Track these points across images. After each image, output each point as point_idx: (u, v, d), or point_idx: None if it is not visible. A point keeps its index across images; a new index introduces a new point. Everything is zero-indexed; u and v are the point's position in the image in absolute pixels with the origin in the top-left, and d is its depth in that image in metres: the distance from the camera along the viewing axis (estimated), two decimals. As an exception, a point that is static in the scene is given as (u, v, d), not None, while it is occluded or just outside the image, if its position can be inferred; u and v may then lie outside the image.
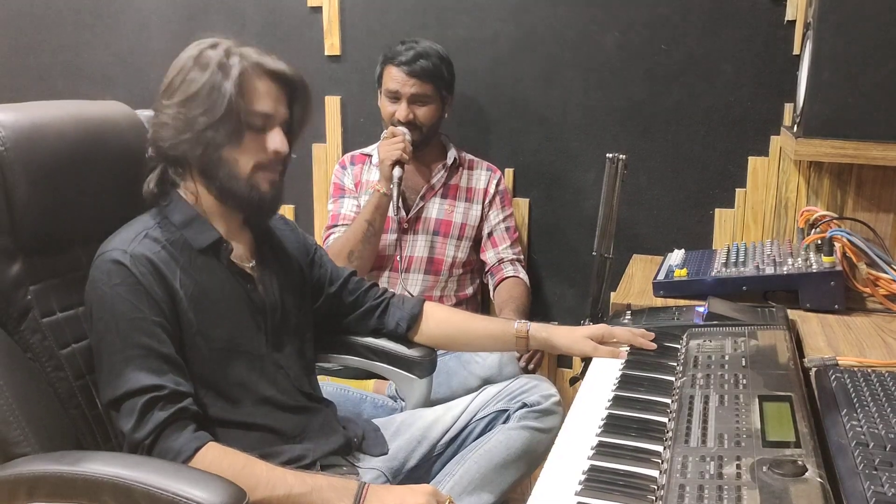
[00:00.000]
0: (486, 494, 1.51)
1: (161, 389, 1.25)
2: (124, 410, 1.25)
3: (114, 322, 1.27)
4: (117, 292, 1.28)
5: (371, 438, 1.55)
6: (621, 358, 1.45)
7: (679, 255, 1.96)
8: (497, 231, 2.31)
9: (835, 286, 1.62)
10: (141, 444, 1.23)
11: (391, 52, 2.19)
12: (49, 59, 2.79)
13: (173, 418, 1.24)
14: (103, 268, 1.30)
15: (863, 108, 1.75)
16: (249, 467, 1.24)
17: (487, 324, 1.69)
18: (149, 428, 1.23)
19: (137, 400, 1.24)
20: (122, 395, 1.25)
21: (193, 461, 1.22)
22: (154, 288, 1.30)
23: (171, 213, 1.38)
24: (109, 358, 1.27)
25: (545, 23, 2.30)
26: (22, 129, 1.29)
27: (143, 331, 1.27)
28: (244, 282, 1.42)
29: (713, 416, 1.11)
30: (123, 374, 1.25)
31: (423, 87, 2.17)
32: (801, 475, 0.92)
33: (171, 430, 1.24)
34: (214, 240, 1.39)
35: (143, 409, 1.24)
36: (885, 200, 1.94)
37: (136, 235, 1.33)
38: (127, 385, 1.25)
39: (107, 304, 1.28)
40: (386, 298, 1.67)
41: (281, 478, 1.23)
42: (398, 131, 2.12)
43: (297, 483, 1.23)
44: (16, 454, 1.22)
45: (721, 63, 2.18)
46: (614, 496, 0.98)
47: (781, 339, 1.39)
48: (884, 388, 1.14)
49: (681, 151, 2.27)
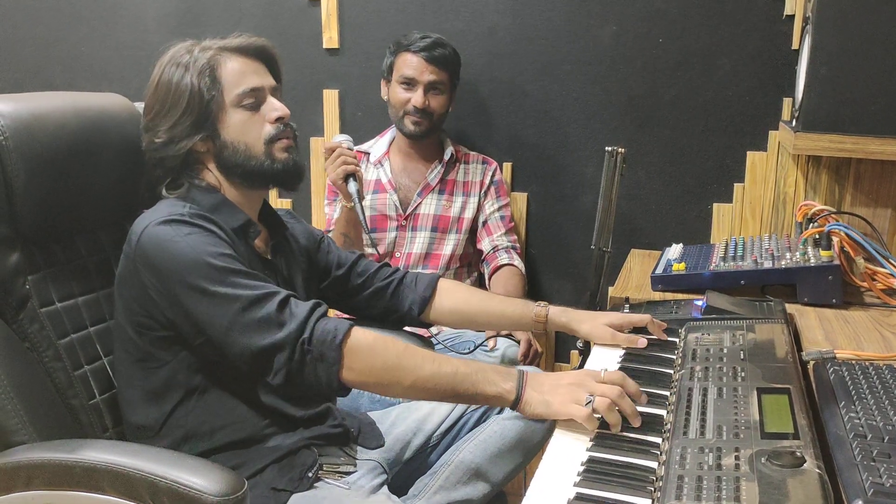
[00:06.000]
0: (482, 484, 1.51)
1: (279, 292, 1.25)
2: (251, 324, 1.22)
3: (202, 259, 1.24)
4: (193, 238, 1.26)
5: (367, 432, 1.55)
6: (640, 345, 1.45)
7: (677, 249, 1.97)
8: (492, 219, 2.31)
9: (832, 280, 1.63)
10: (299, 340, 1.21)
11: (407, 40, 2.19)
12: (46, 52, 2.77)
13: (315, 307, 1.25)
14: (163, 229, 1.27)
15: (861, 102, 1.75)
16: (409, 347, 1.27)
17: (506, 305, 1.65)
18: (299, 321, 1.22)
19: (264, 307, 1.22)
20: (240, 309, 1.22)
21: (350, 338, 1.22)
22: (221, 235, 1.30)
23: (199, 199, 1.38)
24: (212, 291, 1.23)
25: (543, 16, 2.30)
26: (22, 119, 1.29)
27: (233, 258, 1.27)
28: (263, 267, 1.43)
29: (712, 408, 1.11)
30: (234, 295, 1.23)
31: (440, 74, 2.18)
32: (799, 466, 0.93)
33: (322, 317, 1.24)
34: (244, 221, 1.40)
35: (278, 312, 1.22)
36: (883, 195, 1.94)
37: (177, 207, 1.33)
38: (241, 300, 1.22)
39: (187, 250, 1.25)
40: (396, 278, 1.65)
41: (445, 357, 1.26)
42: (334, 144, 1.92)
43: (461, 363, 1.25)
44: (14, 442, 1.22)
45: (719, 57, 2.19)
46: (613, 487, 0.98)
47: (779, 333, 1.40)
48: (881, 380, 1.15)
49: (679, 146, 2.27)
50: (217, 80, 1.35)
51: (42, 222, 1.33)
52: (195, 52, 1.37)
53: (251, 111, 1.39)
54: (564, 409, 1.18)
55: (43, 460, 1.17)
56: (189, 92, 1.34)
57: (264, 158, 1.39)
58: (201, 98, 1.34)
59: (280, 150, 1.41)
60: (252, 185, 1.42)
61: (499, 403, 1.27)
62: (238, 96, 1.37)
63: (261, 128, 1.39)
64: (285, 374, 1.23)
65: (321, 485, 1.36)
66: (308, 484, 1.34)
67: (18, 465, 1.17)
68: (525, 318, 1.60)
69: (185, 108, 1.34)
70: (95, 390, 1.38)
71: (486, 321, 1.67)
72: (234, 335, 1.23)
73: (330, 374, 1.23)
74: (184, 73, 1.35)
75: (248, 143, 1.38)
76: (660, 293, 1.77)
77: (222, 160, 1.39)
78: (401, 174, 2.29)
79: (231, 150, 1.38)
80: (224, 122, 1.37)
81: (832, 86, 1.76)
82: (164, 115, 1.36)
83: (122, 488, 1.11)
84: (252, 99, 1.38)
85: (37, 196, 1.31)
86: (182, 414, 1.34)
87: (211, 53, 1.37)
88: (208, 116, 1.36)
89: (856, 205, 1.97)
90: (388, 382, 1.25)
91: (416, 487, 1.51)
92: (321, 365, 1.22)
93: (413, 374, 1.23)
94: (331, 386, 1.23)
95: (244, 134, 1.38)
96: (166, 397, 1.34)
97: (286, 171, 1.42)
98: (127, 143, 1.44)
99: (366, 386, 1.29)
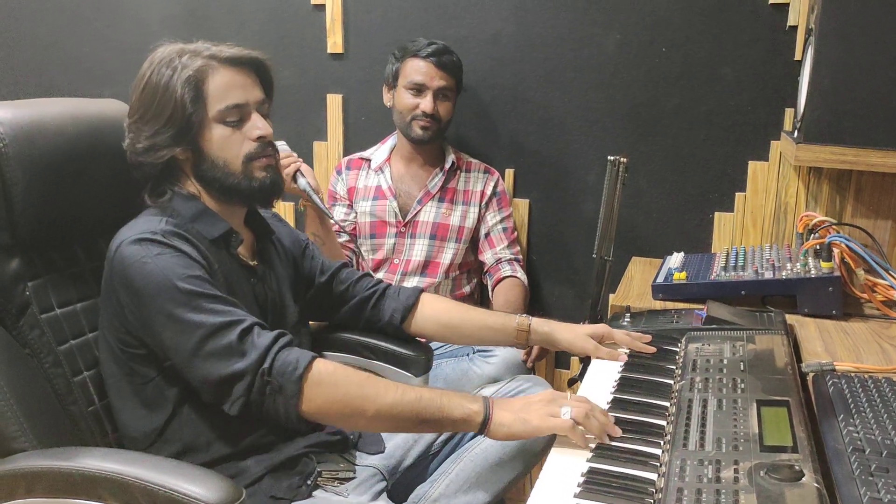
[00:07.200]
0: (482, 493, 1.51)
1: (243, 320, 1.24)
2: (213, 352, 1.22)
3: (170, 282, 1.24)
4: (162, 259, 1.26)
5: (367, 437, 1.55)
6: (621, 361, 1.45)
7: (678, 258, 1.97)
8: (494, 232, 2.31)
9: (833, 292, 1.63)
10: (259, 371, 1.20)
11: (415, 46, 2.20)
12: (47, 54, 2.78)
13: (277, 337, 1.24)
14: (134, 248, 1.27)
15: (863, 114, 1.75)
16: (371, 377, 1.26)
17: (487, 316, 1.66)
18: (260, 351, 1.21)
19: (226, 335, 1.22)
20: (204, 336, 1.22)
21: (311, 370, 1.21)
22: (193, 254, 1.29)
23: (179, 208, 1.37)
24: (177, 316, 1.23)
25: (547, 23, 2.30)
26: (21, 125, 1.29)
27: (202, 280, 1.26)
28: (248, 275, 1.43)
29: (711, 419, 1.11)
30: (198, 321, 1.22)
31: (449, 80, 2.20)
32: (797, 480, 0.93)
33: (283, 348, 1.23)
34: (225, 230, 1.39)
35: (239, 341, 1.22)
36: (884, 207, 1.94)
37: (152, 223, 1.32)
38: (205, 327, 1.22)
39: (156, 272, 1.24)
40: (379, 289, 1.65)
41: (408, 386, 1.25)
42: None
43: (425, 390, 1.25)
44: (14, 449, 1.22)
45: (722, 67, 2.19)
46: (613, 499, 0.98)
47: (779, 344, 1.40)
48: (880, 394, 1.15)
49: (681, 155, 2.27)
50: (201, 92, 1.33)
51: (41, 229, 1.33)
52: (184, 59, 1.33)
53: (233, 128, 1.36)
54: (545, 423, 1.17)
55: (43, 468, 1.17)
56: (173, 102, 1.32)
57: (241, 177, 1.37)
58: (184, 110, 1.32)
59: (259, 169, 1.39)
60: (228, 200, 1.41)
61: (466, 427, 1.23)
62: (220, 112, 1.34)
63: (240, 145, 1.37)
64: (243, 403, 1.22)
65: (319, 493, 1.36)
66: (307, 492, 1.34)
67: (19, 473, 1.17)
68: (508, 328, 1.59)
69: (168, 118, 1.32)
70: (95, 397, 1.38)
71: (469, 331, 1.65)
72: (197, 362, 1.23)
73: (288, 408, 1.21)
74: (169, 80, 1.32)
75: (227, 159, 1.37)
76: (660, 302, 1.78)
77: (201, 172, 1.38)
78: (401, 181, 2.29)
79: (210, 164, 1.37)
80: (205, 136, 1.35)
81: (834, 97, 1.76)
82: (147, 121, 1.34)
83: (120, 496, 1.11)
84: (235, 116, 1.36)
85: (36, 202, 1.31)
86: (177, 427, 1.33)
87: (199, 63, 1.33)
88: (190, 129, 1.34)
89: (856, 216, 1.97)
90: (350, 413, 1.23)
91: (415, 495, 1.51)
92: (280, 397, 1.21)
93: (375, 403, 1.21)
94: (289, 419, 1.22)
95: (224, 150, 1.36)
96: (157, 411, 1.33)
97: (262, 190, 1.40)
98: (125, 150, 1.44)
99: (327, 418, 1.27)
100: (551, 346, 1.61)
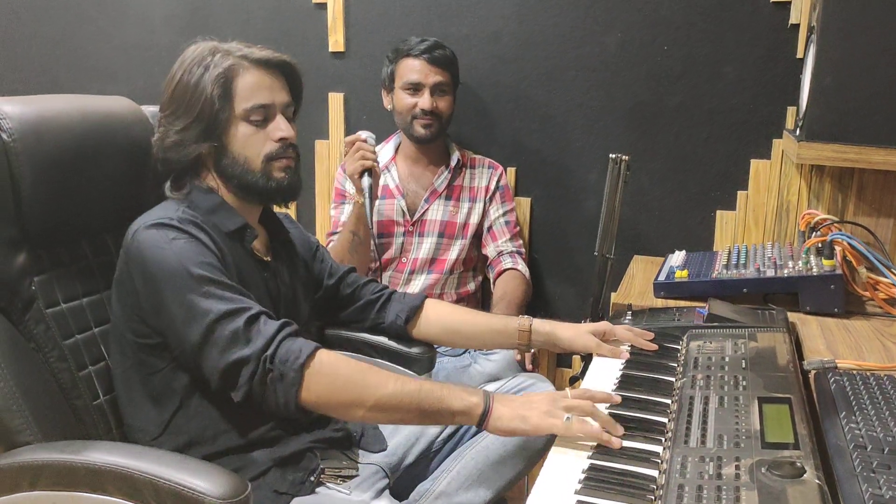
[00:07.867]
0: (483, 490, 1.52)
1: (250, 308, 1.25)
2: (220, 338, 1.23)
3: (183, 267, 1.25)
4: (177, 244, 1.27)
5: (370, 435, 1.56)
6: (622, 357, 1.46)
7: (680, 256, 1.97)
8: (497, 225, 2.31)
9: (835, 289, 1.63)
10: (262, 357, 1.22)
11: (406, 46, 2.21)
12: (52, 52, 2.78)
13: (283, 326, 1.25)
14: (151, 233, 1.28)
15: (865, 112, 1.75)
16: (372, 367, 1.27)
17: (489, 319, 1.68)
18: (265, 339, 1.22)
19: (233, 322, 1.23)
20: (212, 322, 1.23)
21: (314, 360, 1.22)
22: (208, 242, 1.31)
23: (197, 200, 1.39)
24: (188, 302, 1.24)
25: (549, 22, 2.31)
26: (29, 121, 1.30)
27: (214, 267, 1.28)
28: (262, 270, 1.44)
29: (713, 416, 1.12)
30: (207, 307, 1.24)
31: (444, 75, 2.20)
32: (799, 477, 0.93)
33: (288, 337, 1.24)
34: (241, 224, 1.41)
35: (246, 328, 1.23)
36: (886, 205, 1.95)
37: (170, 210, 1.34)
38: (213, 313, 1.23)
39: (171, 256, 1.26)
40: (385, 293, 1.67)
41: (409, 377, 1.27)
42: (357, 138, 1.98)
43: (426, 381, 1.26)
44: (19, 442, 1.23)
45: (724, 65, 2.19)
46: (614, 495, 0.99)
47: (781, 342, 1.40)
48: (882, 391, 1.15)
49: (683, 153, 2.27)
50: (229, 90, 1.36)
51: (48, 224, 1.34)
52: (216, 58, 1.36)
53: (257, 127, 1.38)
54: (544, 422, 1.17)
55: (48, 461, 1.17)
56: (202, 100, 1.35)
57: (260, 175, 1.40)
58: (212, 107, 1.35)
59: (278, 170, 1.41)
60: (245, 196, 1.43)
61: (466, 420, 1.23)
62: (246, 110, 1.37)
63: (262, 144, 1.39)
64: (246, 390, 1.23)
65: (322, 490, 1.37)
66: (310, 488, 1.35)
67: (24, 466, 1.18)
68: (509, 328, 1.60)
69: (197, 115, 1.35)
70: (99, 391, 1.39)
71: (472, 335, 1.66)
72: (206, 349, 1.24)
73: (288, 395, 1.22)
74: (200, 78, 1.35)
75: (249, 157, 1.39)
76: (662, 300, 1.78)
77: (221, 167, 1.40)
78: (408, 180, 2.30)
79: (231, 159, 1.39)
80: (230, 132, 1.38)
81: (836, 95, 1.76)
82: (177, 117, 1.37)
83: (125, 490, 1.12)
84: (260, 116, 1.38)
85: (43, 198, 1.31)
86: (183, 420, 1.34)
87: (230, 62, 1.36)
88: (217, 125, 1.36)
89: (858, 214, 1.97)
90: (349, 403, 1.24)
91: (417, 492, 1.51)
92: (280, 385, 1.22)
93: (376, 394, 1.22)
94: (288, 407, 1.23)
95: (246, 148, 1.39)
96: (165, 403, 1.34)
97: (279, 190, 1.42)
98: (132, 145, 1.46)
99: (327, 408, 1.27)
100: (553, 347, 1.62)
